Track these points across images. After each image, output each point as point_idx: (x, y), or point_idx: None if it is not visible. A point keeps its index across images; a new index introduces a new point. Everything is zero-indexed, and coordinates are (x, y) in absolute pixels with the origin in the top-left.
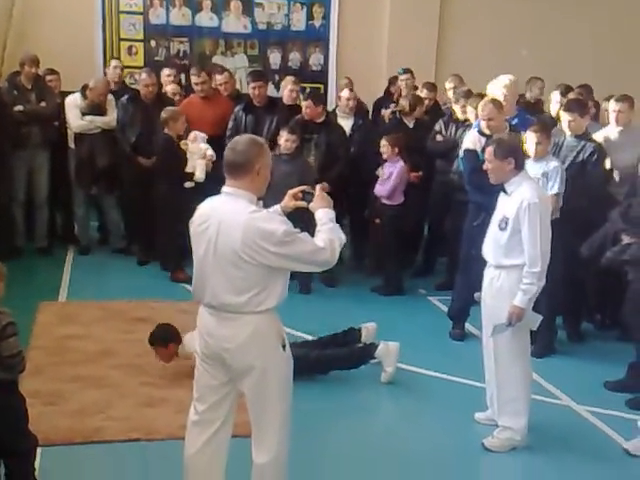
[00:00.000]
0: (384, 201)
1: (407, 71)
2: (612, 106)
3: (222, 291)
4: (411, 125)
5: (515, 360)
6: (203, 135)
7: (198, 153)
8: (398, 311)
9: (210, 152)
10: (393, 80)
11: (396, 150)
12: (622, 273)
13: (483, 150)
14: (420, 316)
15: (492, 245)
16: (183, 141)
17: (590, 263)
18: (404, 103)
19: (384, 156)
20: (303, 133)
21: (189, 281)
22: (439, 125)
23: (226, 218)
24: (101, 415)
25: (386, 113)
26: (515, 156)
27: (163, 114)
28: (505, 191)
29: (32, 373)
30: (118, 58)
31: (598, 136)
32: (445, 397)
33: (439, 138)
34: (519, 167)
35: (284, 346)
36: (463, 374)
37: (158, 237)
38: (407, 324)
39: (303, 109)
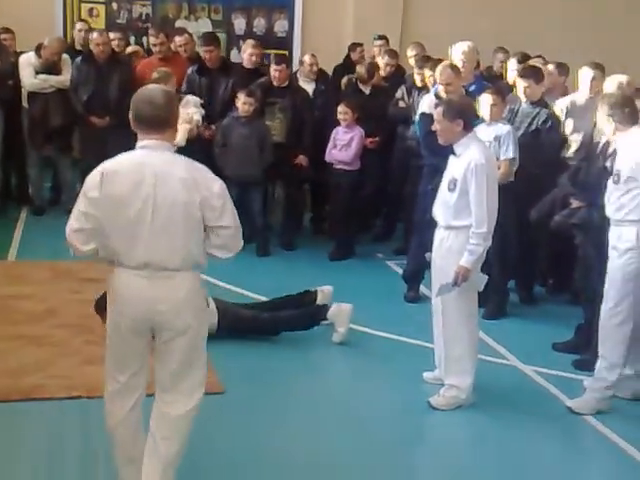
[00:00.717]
0: (341, 166)
1: (382, 37)
2: (587, 73)
3: (161, 249)
4: (367, 92)
5: (462, 320)
6: (197, 99)
7: (183, 117)
8: (355, 275)
9: (197, 117)
10: (353, 47)
11: (355, 115)
12: (571, 237)
13: None
14: (377, 279)
15: (442, 206)
16: None
17: (539, 226)
18: (361, 70)
19: (343, 122)
20: (267, 97)
21: None
22: (401, 91)
23: (163, 172)
24: (41, 373)
25: (344, 80)
26: (464, 117)
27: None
28: (454, 152)
29: None
30: (84, 20)
31: (565, 101)
32: (396, 357)
33: (402, 104)
34: (468, 128)
35: (207, 303)
36: (415, 335)
37: None
38: (363, 287)
39: (272, 73)
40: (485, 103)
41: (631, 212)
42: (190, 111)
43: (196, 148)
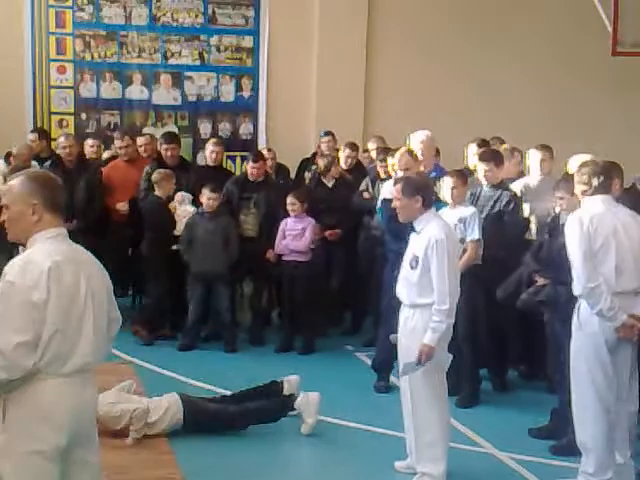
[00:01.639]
0: (293, 258)
1: (328, 133)
2: (535, 155)
3: (94, 346)
4: (330, 184)
5: (432, 403)
6: (189, 196)
7: (186, 215)
8: (324, 367)
9: (192, 211)
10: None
11: (304, 206)
12: (540, 318)
13: None
14: (346, 372)
15: (404, 285)
16: (171, 203)
17: (506, 307)
18: (321, 163)
19: (292, 212)
20: (242, 192)
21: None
22: (365, 183)
23: (88, 260)
24: None
25: (307, 174)
26: (423, 194)
27: (156, 175)
28: (414, 229)
29: None
30: (35, 131)
31: (519, 184)
32: (367, 447)
33: (366, 195)
34: (427, 205)
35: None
36: (385, 425)
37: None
38: (332, 379)
39: (249, 170)
40: (446, 186)
41: None
42: (190, 209)
43: None
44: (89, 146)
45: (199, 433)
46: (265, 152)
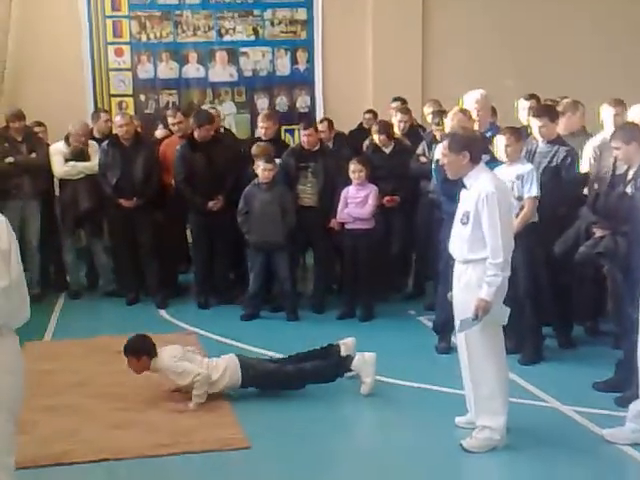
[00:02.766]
0: (357, 226)
1: (397, 99)
2: (608, 110)
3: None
4: (387, 151)
5: (488, 357)
6: None
7: None
8: (386, 332)
9: None
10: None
11: (368, 172)
12: (598, 267)
13: None
14: (408, 336)
15: (457, 241)
16: None
17: (565, 261)
18: (375, 130)
19: (357, 180)
20: (299, 162)
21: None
22: (422, 147)
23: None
24: (70, 439)
25: (365, 142)
26: (470, 149)
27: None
28: (464, 185)
29: None
30: (107, 111)
31: (596, 139)
32: (427, 405)
33: (423, 160)
34: (475, 160)
35: None
36: (446, 384)
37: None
38: (394, 343)
39: (302, 137)
40: (500, 144)
41: None
42: None
43: None
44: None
45: (257, 393)
46: (321, 125)
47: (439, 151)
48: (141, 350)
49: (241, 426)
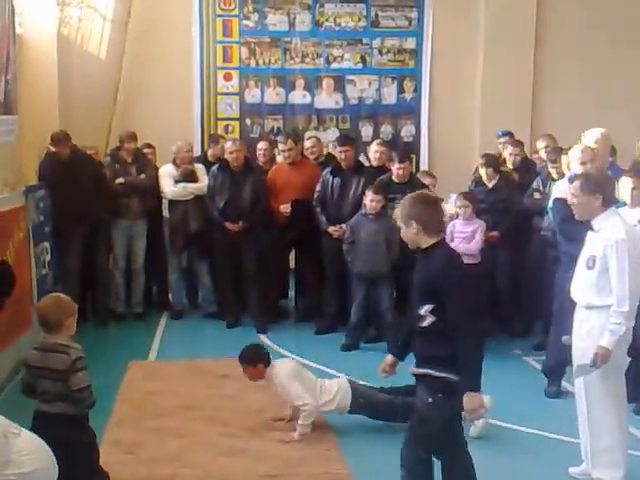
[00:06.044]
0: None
1: (506, 134)
2: None
3: None
4: (490, 185)
5: (607, 406)
6: None
7: None
8: (491, 370)
9: None
10: None
11: (475, 208)
12: None
13: None
14: (514, 375)
15: (581, 285)
16: None
17: None
18: (481, 164)
19: (463, 215)
20: (388, 193)
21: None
22: (537, 183)
23: None
24: (177, 463)
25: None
26: (603, 191)
27: None
28: (592, 228)
29: (115, 424)
30: (223, 137)
31: None
32: (538, 452)
33: (537, 196)
34: (607, 203)
35: None
36: (558, 430)
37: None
38: (500, 383)
39: (395, 170)
40: (626, 186)
41: None
42: None
43: None
44: (259, 149)
45: (363, 429)
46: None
47: (558, 189)
48: (258, 358)
49: (345, 461)
